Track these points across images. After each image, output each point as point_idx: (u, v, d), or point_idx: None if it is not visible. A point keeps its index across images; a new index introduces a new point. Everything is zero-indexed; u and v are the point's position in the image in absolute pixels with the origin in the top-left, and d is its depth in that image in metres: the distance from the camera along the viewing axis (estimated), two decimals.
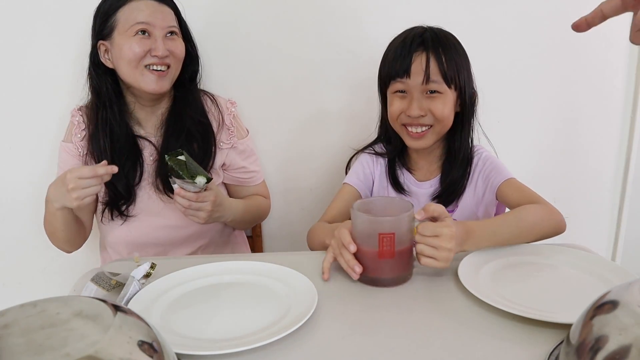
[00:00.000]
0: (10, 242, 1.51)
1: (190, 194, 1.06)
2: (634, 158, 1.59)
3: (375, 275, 0.86)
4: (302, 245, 1.57)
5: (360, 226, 0.87)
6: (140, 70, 1.13)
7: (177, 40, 1.18)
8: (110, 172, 1.00)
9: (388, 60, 1.10)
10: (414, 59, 1.05)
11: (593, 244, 1.15)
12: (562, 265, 0.90)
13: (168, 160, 1.02)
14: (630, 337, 0.48)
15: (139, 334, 0.49)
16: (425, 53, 1.04)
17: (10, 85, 1.39)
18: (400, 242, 0.84)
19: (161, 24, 1.14)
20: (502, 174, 1.11)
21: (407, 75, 1.05)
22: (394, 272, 0.86)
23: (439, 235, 0.83)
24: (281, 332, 0.69)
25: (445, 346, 0.69)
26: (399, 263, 0.86)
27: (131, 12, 1.12)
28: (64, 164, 1.23)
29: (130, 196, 1.20)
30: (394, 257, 0.84)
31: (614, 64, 1.51)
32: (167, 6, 1.17)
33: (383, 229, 0.83)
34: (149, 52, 1.13)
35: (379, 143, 1.23)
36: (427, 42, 1.05)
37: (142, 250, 1.21)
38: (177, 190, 1.07)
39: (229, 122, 1.28)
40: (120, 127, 1.18)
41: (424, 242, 0.84)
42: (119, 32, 1.13)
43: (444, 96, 1.06)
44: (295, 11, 1.39)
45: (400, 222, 0.84)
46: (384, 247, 0.84)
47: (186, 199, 1.06)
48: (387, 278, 0.86)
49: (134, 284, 0.82)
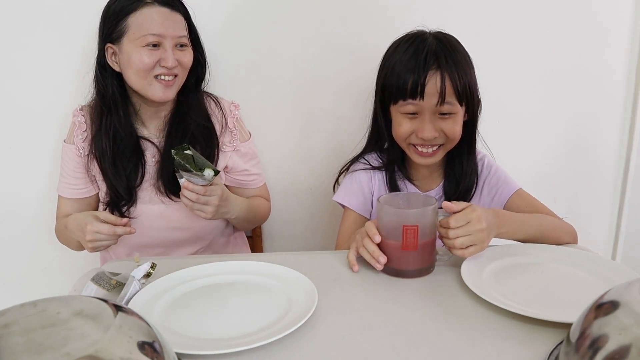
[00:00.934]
0: (10, 241, 1.51)
1: (198, 187, 1.05)
2: (634, 158, 1.59)
3: (399, 267, 0.89)
4: (302, 245, 1.57)
5: (386, 218, 0.89)
6: (148, 80, 1.13)
7: (187, 51, 1.18)
8: (127, 233, 1.04)
9: (395, 75, 1.03)
10: (428, 79, 0.99)
11: (593, 244, 1.15)
12: (562, 264, 0.90)
13: (175, 154, 1.01)
14: (630, 336, 0.48)
15: (139, 334, 0.49)
16: (440, 72, 0.99)
17: (10, 84, 1.39)
18: (423, 234, 0.87)
19: (172, 33, 1.13)
20: (509, 186, 1.11)
21: (420, 98, 1.00)
22: (417, 263, 0.89)
23: (469, 220, 0.86)
24: (281, 332, 0.69)
25: (446, 345, 0.69)
26: (422, 255, 0.89)
27: (144, 20, 1.10)
28: (65, 164, 1.24)
29: (132, 197, 1.19)
30: (417, 249, 0.87)
31: (614, 64, 1.51)
32: (178, 13, 1.15)
33: (407, 221, 0.86)
34: (158, 62, 1.12)
35: (372, 153, 1.18)
36: (440, 58, 0.99)
37: (142, 251, 1.21)
38: (184, 185, 1.05)
39: (232, 124, 1.28)
40: (124, 129, 1.18)
41: (458, 235, 0.86)
42: (128, 39, 1.11)
43: (456, 116, 1.03)
44: (296, 13, 1.40)
45: (424, 215, 0.87)
46: (407, 239, 0.86)
47: (194, 193, 1.05)
48: (411, 269, 0.89)
49: (134, 284, 0.82)
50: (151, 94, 1.14)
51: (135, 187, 1.20)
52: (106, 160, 1.17)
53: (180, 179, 1.06)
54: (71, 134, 1.23)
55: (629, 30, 1.47)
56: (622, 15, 1.46)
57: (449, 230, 0.87)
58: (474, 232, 0.86)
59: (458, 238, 0.86)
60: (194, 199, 1.06)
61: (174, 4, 1.15)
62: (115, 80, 1.18)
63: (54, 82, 1.38)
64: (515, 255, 0.95)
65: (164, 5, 1.13)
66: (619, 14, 1.46)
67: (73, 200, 1.24)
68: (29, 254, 1.53)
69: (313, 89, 1.46)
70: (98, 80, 1.19)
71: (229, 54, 1.40)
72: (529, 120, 1.53)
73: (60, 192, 1.25)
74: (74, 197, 1.24)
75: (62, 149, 1.25)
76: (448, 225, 0.87)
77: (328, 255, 1.00)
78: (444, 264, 0.93)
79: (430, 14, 1.41)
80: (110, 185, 1.18)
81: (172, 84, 1.16)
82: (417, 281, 0.88)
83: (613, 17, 1.46)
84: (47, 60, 1.37)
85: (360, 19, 1.41)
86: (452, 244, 0.87)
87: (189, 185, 1.05)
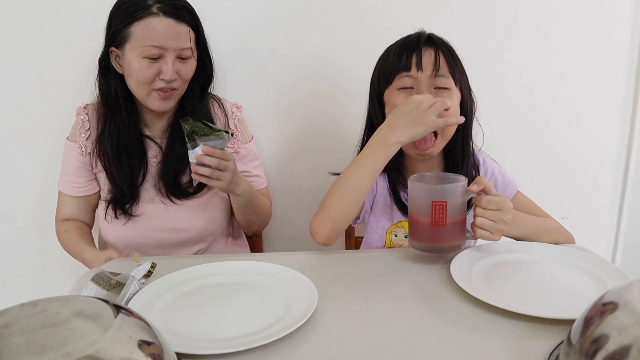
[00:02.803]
0: (10, 241, 1.52)
1: (219, 151, 1.04)
2: (634, 158, 1.59)
3: (429, 243, 0.92)
4: (302, 246, 1.57)
5: (416, 195, 0.92)
6: (147, 91, 1.13)
7: (188, 62, 1.16)
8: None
9: (390, 58, 1.07)
10: (423, 52, 1.03)
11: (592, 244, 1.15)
12: (562, 265, 0.90)
13: (185, 124, 1.01)
14: (630, 337, 0.48)
15: (139, 334, 0.49)
16: (434, 49, 1.03)
17: (11, 84, 1.39)
18: (452, 211, 0.89)
19: (174, 46, 1.11)
20: (509, 187, 1.12)
21: (417, 69, 1.02)
22: (447, 240, 0.91)
23: (501, 209, 0.88)
24: (281, 332, 0.69)
25: (445, 346, 0.69)
26: (451, 231, 0.90)
27: (147, 30, 1.09)
28: (67, 161, 1.24)
29: (134, 195, 1.19)
30: (445, 225, 0.88)
31: (614, 64, 1.51)
32: (184, 25, 1.12)
33: (436, 196, 0.88)
34: (157, 74, 1.11)
35: None
36: (433, 38, 1.05)
37: (142, 252, 1.21)
38: (204, 150, 1.02)
39: (234, 126, 1.28)
40: (127, 128, 1.18)
41: (485, 216, 0.89)
42: (130, 47, 1.11)
43: (451, 93, 1.04)
44: (298, 15, 1.40)
45: (453, 191, 0.89)
46: (436, 215, 0.88)
47: (215, 158, 1.03)
48: (441, 246, 0.91)
49: (134, 284, 0.82)
50: (149, 104, 1.15)
51: (137, 185, 1.20)
52: (111, 160, 1.17)
53: (194, 149, 1.03)
54: (75, 131, 1.23)
55: (629, 30, 1.47)
56: (622, 15, 1.46)
57: (477, 208, 0.90)
58: (498, 220, 0.89)
59: (482, 218, 0.89)
60: (215, 164, 1.04)
61: (181, 14, 1.12)
62: (119, 81, 1.17)
63: (54, 81, 1.39)
64: (512, 252, 0.95)
65: (170, 17, 1.10)
66: (619, 14, 1.46)
67: (74, 198, 1.25)
68: (29, 254, 1.53)
69: (313, 89, 1.46)
70: (100, 82, 1.18)
71: (231, 55, 1.40)
72: (528, 120, 1.53)
73: (61, 189, 1.25)
74: (75, 195, 1.24)
75: (64, 146, 1.25)
76: (479, 203, 0.89)
77: (328, 255, 1.00)
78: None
79: (430, 14, 1.41)
80: (114, 184, 1.18)
81: (170, 96, 1.15)
82: (417, 283, 0.88)
83: (613, 17, 1.46)
84: (47, 59, 1.37)
85: (361, 20, 1.41)
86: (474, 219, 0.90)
87: (209, 150, 1.03)
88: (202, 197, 1.24)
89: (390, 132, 0.95)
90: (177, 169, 1.20)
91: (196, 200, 1.23)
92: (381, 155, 0.95)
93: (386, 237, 1.14)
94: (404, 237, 1.13)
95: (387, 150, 0.95)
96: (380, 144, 0.95)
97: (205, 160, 1.03)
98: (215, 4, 1.36)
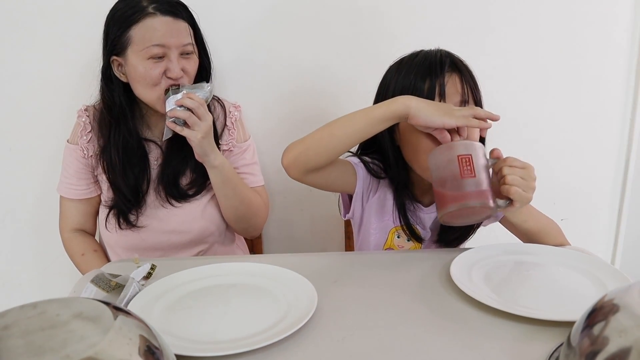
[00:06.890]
0: (10, 242, 1.51)
1: (199, 98, 1.09)
2: (634, 158, 1.59)
3: (460, 201, 0.84)
4: (301, 247, 1.57)
5: (439, 158, 0.87)
6: (157, 93, 1.12)
7: (192, 58, 1.16)
8: None
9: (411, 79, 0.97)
10: (447, 79, 0.95)
11: (592, 246, 1.15)
12: (561, 267, 0.90)
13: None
14: (630, 339, 0.48)
15: (139, 336, 0.49)
16: (459, 75, 0.96)
17: (10, 85, 1.39)
18: (478, 165, 0.85)
19: (176, 42, 1.11)
20: None
21: (439, 98, 0.94)
22: (477, 196, 0.84)
23: (526, 167, 0.86)
24: (281, 334, 0.69)
25: (445, 347, 0.69)
26: (480, 186, 0.85)
27: (146, 31, 1.09)
28: (68, 164, 1.23)
29: (139, 203, 1.18)
30: (474, 177, 0.85)
31: (614, 64, 1.51)
32: (182, 20, 1.12)
33: (460, 151, 0.85)
34: (164, 73, 1.11)
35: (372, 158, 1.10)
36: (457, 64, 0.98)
37: (142, 254, 1.21)
38: (187, 94, 1.08)
39: (230, 124, 1.28)
40: (131, 137, 1.17)
41: (513, 173, 0.85)
42: (132, 51, 1.10)
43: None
44: (298, 16, 1.40)
45: (475, 148, 0.86)
46: (464, 168, 0.85)
47: (195, 101, 1.07)
48: (473, 203, 0.84)
49: (134, 286, 0.82)
50: (159, 106, 1.14)
51: (144, 193, 1.19)
52: (117, 171, 1.16)
53: (175, 94, 1.09)
54: (75, 134, 1.22)
55: (629, 31, 1.47)
56: (622, 15, 1.46)
57: (504, 167, 0.86)
58: (527, 177, 0.86)
59: (512, 175, 0.85)
60: (194, 106, 1.07)
61: (178, 11, 1.12)
62: (122, 89, 1.16)
63: (54, 84, 1.38)
64: (513, 254, 0.95)
65: (167, 14, 1.10)
66: (619, 14, 1.46)
67: (76, 202, 1.24)
68: (29, 255, 1.53)
69: (313, 90, 1.46)
70: (104, 92, 1.18)
71: (230, 56, 1.40)
72: (528, 122, 1.53)
73: (62, 192, 1.25)
74: (76, 198, 1.24)
75: (64, 149, 1.24)
76: (505, 162, 0.87)
77: (328, 257, 1.01)
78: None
79: (431, 15, 1.41)
80: (119, 195, 1.17)
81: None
82: (417, 283, 0.88)
83: (613, 17, 1.46)
84: (47, 60, 1.37)
85: (361, 21, 1.41)
86: (503, 180, 0.86)
87: (192, 94, 1.08)
88: (201, 200, 1.23)
89: (409, 99, 0.89)
90: (177, 170, 1.20)
91: (195, 202, 1.23)
92: (387, 107, 0.89)
93: (388, 237, 1.14)
94: (406, 240, 1.13)
95: (393, 105, 0.88)
96: (392, 101, 0.89)
97: (186, 102, 1.07)
98: (215, 5, 1.36)
